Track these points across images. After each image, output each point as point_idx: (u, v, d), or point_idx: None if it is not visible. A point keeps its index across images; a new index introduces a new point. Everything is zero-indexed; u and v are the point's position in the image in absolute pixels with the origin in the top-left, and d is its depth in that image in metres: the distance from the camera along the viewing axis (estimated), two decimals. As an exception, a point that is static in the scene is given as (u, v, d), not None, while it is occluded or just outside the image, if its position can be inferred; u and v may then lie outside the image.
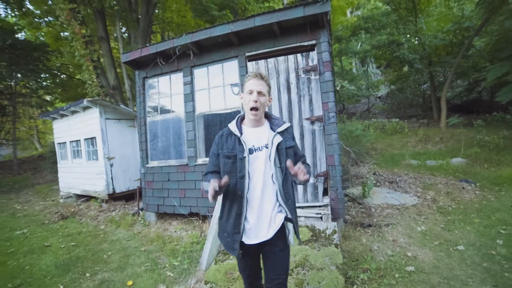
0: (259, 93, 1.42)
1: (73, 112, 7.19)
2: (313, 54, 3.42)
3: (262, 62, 3.70)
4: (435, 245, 3.22)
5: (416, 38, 13.16)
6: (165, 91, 4.57)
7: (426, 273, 2.65)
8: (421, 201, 4.63)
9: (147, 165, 4.75)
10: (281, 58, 3.59)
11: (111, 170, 6.30)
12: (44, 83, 16.64)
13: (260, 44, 3.68)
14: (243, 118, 1.55)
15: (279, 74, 3.60)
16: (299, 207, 3.32)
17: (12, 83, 13.53)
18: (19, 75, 14.01)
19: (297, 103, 3.50)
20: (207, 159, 3.66)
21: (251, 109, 1.41)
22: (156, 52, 4.18)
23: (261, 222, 1.43)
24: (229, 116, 3.95)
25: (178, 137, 4.46)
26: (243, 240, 1.42)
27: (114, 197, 6.29)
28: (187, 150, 4.31)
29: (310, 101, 3.44)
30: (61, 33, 15.70)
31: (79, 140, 7.11)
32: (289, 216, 1.46)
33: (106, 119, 6.45)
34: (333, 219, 3.22)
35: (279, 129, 1.47)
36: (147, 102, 4.80)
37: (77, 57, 9.09)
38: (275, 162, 1.42)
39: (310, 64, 3.43)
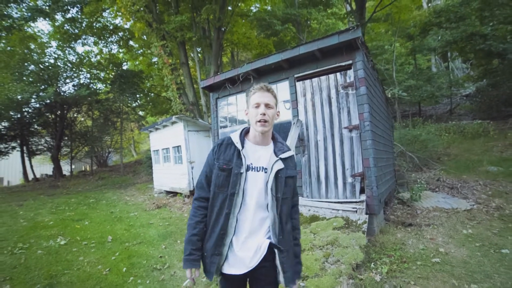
0: (267, 105, 1.30)
1: (164, 126, 9.45)
2: (350, 72, 4.13)
3: (308, 82, 4.60)
4: (476, 246, 3.43)
5: None
6: (233, 108, 5.91)
7: (451, 266, 3.00)
8: (481, 207, 4.59)
9: (219, 167, 6.15)
10: (323, 77, 4.42)
11: (192, 171, 8.09)
12: (139, 102, 21.09)
13: (306, 66, 4.58)
14: (248, 131, 1.42)
15: (322, 91, 4.42)
16: (339, 202, 4.04)
17: (120, 104, 17.85)
18: (123, 98, 18.34)
19: (337, 115, 4.24)
20: None
21: (258, 121, 1.29)
22: (225, 78, 5.56)
23: (247, 249, 1.27)
24: (283, 127, 4.93)
25: (242, 144, 5.70)
26: (223, 269, 1.28)
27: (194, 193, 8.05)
28: (249, 154, 5.49)
29: (348, 112, 4.14)
30: (152, 60, 19.82)
31: (168, 148, 9.28)
32: (281, 247, 1.29)
33: (188, 131, 8.34)
34: (370, 214, 3.81)
35: (283, 155, 1.34)
36: (219, 117, 6.25)
37: (165, 81, 11.69)
38: (271, 190, 1.28)
39: (348, 81, 4.15)
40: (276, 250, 1.30)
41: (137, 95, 19.83)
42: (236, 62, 21.59)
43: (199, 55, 15.44)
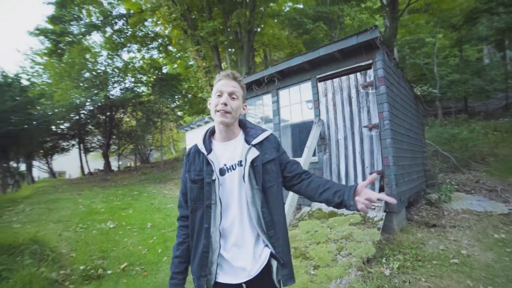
0: (231, 95, 1.14)
1: (198, 126, 10.17)
2: (370, 72, 4.18)
3: (329, 82, 4.73)
4: (506, 251, 3.29)
5: None
6: (259, 108, 6.24)
7: (470, 267, 2.95)
8: (521, 211, 4.28)
9: (246, 164, 6.55)
10: (344, 77, 4.52)
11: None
12: (178, 103, 22.54)
13: (327, 67, 4.72)
14: (213, 131, 1.26)
15: (343, 91, 4.53)
16: (357, 200, 4.13)
17: (161, 106, 19.35)
18: (163, 99, 19.84)
19: (357, 114, 4.32)
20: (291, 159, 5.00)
21: (218, 111, 1.13)
22: (251, 81, 5.90)
23: (240, 258, 1.13)
24: (305, 126, 5.13)
25: (267, 143, 6.00)
26: (218, 279, 1.14)
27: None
28: (273, 152, 5.77)
29: (368, 111, 4.20)
30: (188, 63, 21.05)
31: (202, 146, 9.97)
32: (273, 251, 1.15)
33: (219, 130, 8.90)
34: (388, 212, 3.85)
35: (255, 141, 1.18)
36: (247, 117, 6.63)
37: (200, 83, 12.47)
38: (250, 182, 1.13)
39: (368, 80, 4.20)
40: (271, 248, 1.15)
41: (176, 97, 21.26)
42: (269, 61, 21.91)
43: (232, 56, 16.09)
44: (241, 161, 1.16)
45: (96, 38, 14.40)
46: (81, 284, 2.88)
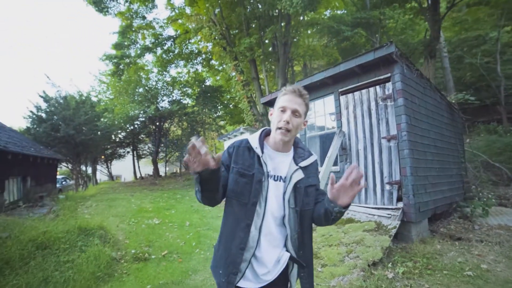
0: (294, 112, 1.14)
1: (235, 136, 11.02)
2: (389, 85, 4.41)
3: (350, 95, 5.05)
4: (535, 270, 3.21)
5: None
6: (286, 120, 6.75)
7: (485, 281, 2.95)
8: None
9: (275, 172, 7.07)
10: (364, 91, 4.80)
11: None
12: (220, 113, 24.13)
13: (349, 81, 5.05)
14: (268, 134, 1.26)
15: (363, 103, 4.81)
16: (375, 208, 4.34)
17: (203, 116, 21.05)
18: (206, 110, 21.51)
19: (376, 125, 4.56)
20: None
21: (279, 128, 1.14)
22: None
23: (266, 263, 1.14)
24: (329, 137, 5.47)
25: (294, 152, 6.45)
26: (238, 284, 1.13)
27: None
28: (300, 161, 6.20)
29: (387, 123, 4.42)
30: (230, 75, 22.53)
31: (238, 154, 10.78)
32: (303, 264, 1.18)
33: (253, 139, 9.60)
34: (406, 221, 4.00)
35: (303, 163, 1.19)
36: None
37: (238, 96, 13.45)
38: (289, 201, 1.14)
39: (386, 93, 4.44)
40: (294, 264, 1.19)
41: (218, 107, 22.86)
42: (309, 70, 22.22)
43: (272, 67, 16.88)
44: (284, 178, 1.16)
45: (148, 57, 16.79)
46: (132, 263, 3.73)
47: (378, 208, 4.32)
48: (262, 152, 1.17)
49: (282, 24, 11.71)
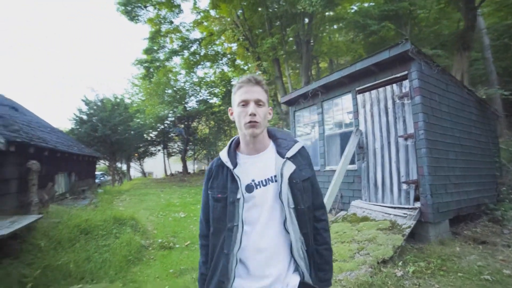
0: (257, 102, 1.02)
1: (258, 134, 11.31)
2: (405, 83, 4.37)
3: (367, 94, 5.06)
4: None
5: None
6: (306, 119, 6.87)
7: (504, 286, 2.89)
8: None
9: (295, 170, 7.23)
10: (380, 89, 4.80)
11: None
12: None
13: (365, 80, 5.06)
14: (238, 142, 1.14)
15: (379, 102, 4.81)
16: (392, 207, 4.35)
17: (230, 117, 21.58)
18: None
19: (393, 124, 4.55)
20: (333, 167, 5.50)
21: (247, 123, 1.00)
22: (298, 95, 6.61)
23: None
24: (346, 136, 5.53)
25: (314, 150, 6.56)
26: None
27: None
28: (320, 160, 6.30)
29: (404, 121, 4.39)
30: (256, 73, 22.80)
31: (260, 152, 11.06)
32: (309, 281, 1.03)
33: (275, 138, 9.81)
34: (424, 222, 3.99)
35: (289, 153, 1.05)
36: (297, 127, 7.33)
37: (261, 94, 13.68)
38: (288, 202, 0.99)
39: (403, 91, 4.41)
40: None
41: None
42: (336, 66, 21.80)
43: (296, 65, 16.91)
44: (275, 176, 1.02)
45: (176, 60, 17.74)
46: (158, 251, 4.18)
47: (395, 208, 4.33)
48: (235, 165, 1.05)
49: (305, 21, 11.73)
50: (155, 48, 15.05)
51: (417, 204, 4.12)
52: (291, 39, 11.91)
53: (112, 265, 3.40)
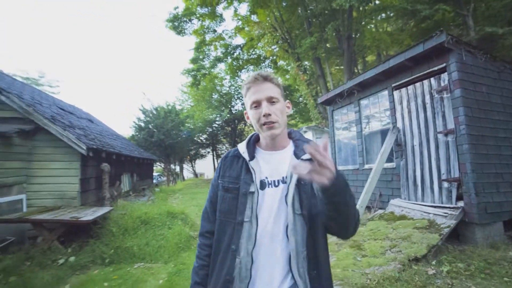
0: (270, 100, 0.95)
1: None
2: (444, 76, 4.20)
3: (403, 90, 4.95)
4: None
5: None
6: (344, 118, 6.89)
7: None
8: None
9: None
10: (417, 84, 4.66)
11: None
12: (290, 112, 24.73)
13: (401, 75, 4.95)
14: (258, 137, 1.08)
15: (417, 97, 4.67)
16: (432, 206, 4.23)
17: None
18: (275, 110, 22.41)
19: (432, 120, 4.39)
20: (372, 165, 5.51)
21: (263, 125, 0.94)
22: (334, 94, 6.68)
23: None
24: (384, 134, 5.45)
25: (353, 149, 6.56)
26: None
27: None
28: (358, 158, 6.29)
29: (443, 116, 4.22)
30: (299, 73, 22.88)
31: (302, 152, 11.23)
32: None
33: (316, 138, 9.90)
34: (469, 222, 3.81)
35: (306, 156, 0.94)
36: (334, 126, 7.38)
37: (302, 95, 13.81)
38: (293, 205, 0.90)
39: (442, 84, 4.23)
40: None
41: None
42: (385, 58, 20.59)
43: (339, 61, 16.51)
44: (285, 178, 0.96)
45: (221, 66, 18.85)
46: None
47: (435, 206, 4.19)
48: (253, 157, 1.00)
49: (345, 17, 11.49)
50: (201, 57, 16.34)
51: (460, 204, 3.94)
52: (331, 36, 11.76)
53: (166, 250, 4.09)
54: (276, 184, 0.95)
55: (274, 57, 19.02)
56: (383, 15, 15.10)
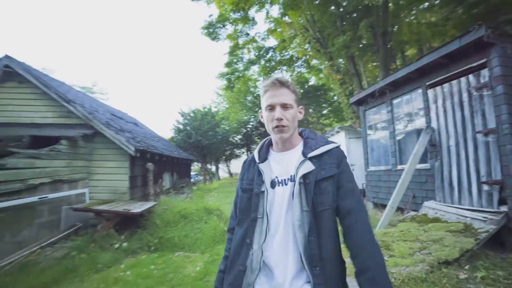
0: (284, 106, 1.01)
1: (332, 135, 11.36)
2: (484, 72, 3.99)
3: (438, 88, 4.77)
4: None
5: None
6: (376, 118, 6.77)
7: None
8: None
9: (368, 169, 7.17)
10: (454, 82, 4.47)
11: (353, 173, 9.40)
12: (324, 112, 24.40)
13: (436, 73, 4.77)
14: (271, 142, 1.17)
15: (453, 96, 4.48)
16: (469, 210, 4.05)
17: (307, 116, 21.99)
18: (310, 110, 22.32)
19: (470, 119, 4.19)
20: (405, 166, 5.39)
21: (274, 128, 1.02)
22: (366, 94, 6.60)
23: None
24: (417, 134, 5.30)
25: (385, 149, 6.43)
26: None
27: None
28: (391, 159, 6.15)
29: (483, 115, 4.01)
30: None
31: (335, 152, 11.10)
32: None
33: (349, 138, 9.74)
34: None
35: (313, 153, 1.02)
36: (366, 126, 7.27)
37: (336, 94, 13.59)
38: (300, 203, 0.96)
39: (481, 81, 4.03)
40: None
41: (322, 106, 23.28)
42: (427, 50, 19.28)
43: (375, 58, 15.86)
44: (293, 176, 1.01)
45: (254, 68, 19.33)
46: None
47: (473, 210, 4.02)
48: (263, 160, 1.10)
49: (379, 11, 11.07)
50: (235, 60, 16.96)
51: (503, 208, 3.74)
52: (365, 33, 11.42)
53: (202, 242, 4.52)
54: (286, 182, 1.03)
55: (307, 57, 18.94)
56: (426, 4, 14.19)
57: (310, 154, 1.01)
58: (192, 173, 16.33)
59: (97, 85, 30.15)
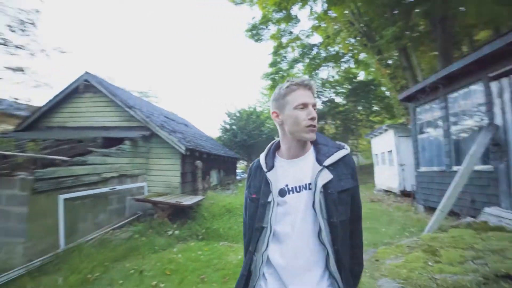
0: (314, 106, 1.02)
1: (380, 133, 10.76)
2: (559, 62, 3.48)
3: (504, 80, 4.26)
4: None
5: None
6: (428, 115, 6.27)
7: None
8: None
9: (418, 170, 6.70)
10: (523, 73, 3.97)
11: (402, 173, 8.82)
12: (374, 108, 23.02)
13: (500, 63, 4.26)
14: (279, 145, 1.13)
15: (521, 88, 3.98)
16: (539, 218, 3.58)
17: (356, 113, 21.11)
18: (359, 108, 21.34)
19: (541, 114, 3.69)
20: (459, 167, 4.97)
21: (308, 127, 0.99)
22: (416, 90, 6.17)
23: None
24: (475, 133, 4.80)
25: (438, 149, 5.94)
26: None
27: (404, 193, 8.72)
28: (445, 159, 5.67)
29: (557, 110, 3.50)
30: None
31: (384, 152, 10.49)
32: None
33: (399, 136, 9.16)
34: None
35: (329, 161, 1.00)
36: (417, 123, 6.78)
37: (386, 90, 12.77)
38: (321, 213, 0.95)
39: (556, 72, 3.52)
40: None
41: (372, 102, 22.03)
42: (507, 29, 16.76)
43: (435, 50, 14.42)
44: (309, 184, 0.99)
45: (299, 66, 19.04)
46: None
47: (540, 218, 3.54)
48: (271, 167, 1.06)
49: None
50: (279, 60, 17.14)
51: None
52: (420, 21, 10.50)
53: (244, 234, 4.84)
54: (298, 190, 1.00)
55: (354, 52, 18.12)
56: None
57: (326, 163, 0.99)
58: (238, 170, 17.02)
59: (151, 89, 33.19)
